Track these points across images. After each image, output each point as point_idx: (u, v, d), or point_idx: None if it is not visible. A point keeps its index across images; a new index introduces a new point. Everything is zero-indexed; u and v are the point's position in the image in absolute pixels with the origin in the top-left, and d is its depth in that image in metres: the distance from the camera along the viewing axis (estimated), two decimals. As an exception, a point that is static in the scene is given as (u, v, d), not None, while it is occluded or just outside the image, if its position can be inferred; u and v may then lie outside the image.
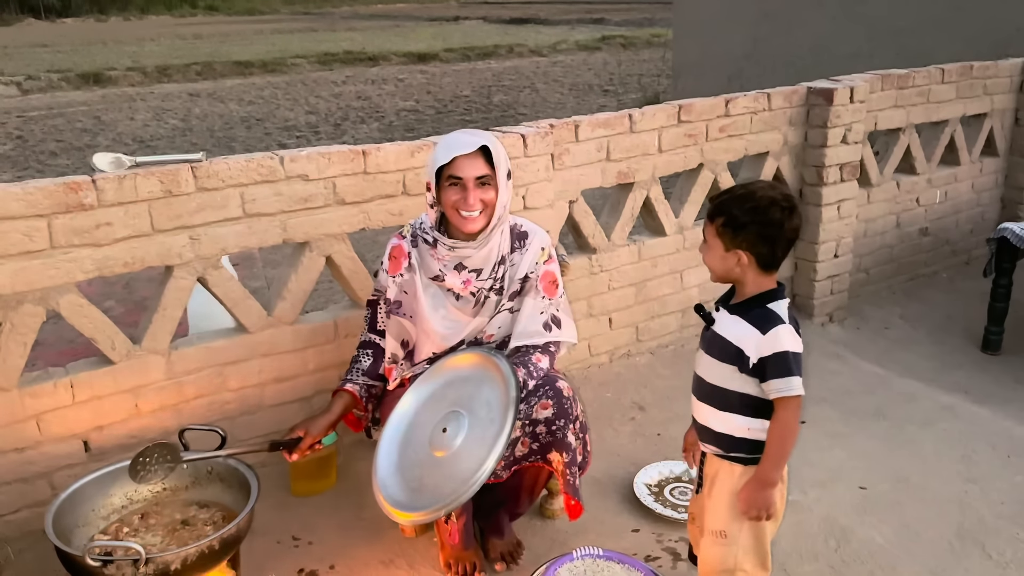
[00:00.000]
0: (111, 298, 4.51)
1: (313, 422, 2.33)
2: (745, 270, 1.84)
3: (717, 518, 1.92)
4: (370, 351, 2.46)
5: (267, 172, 2.64)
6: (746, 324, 1.83)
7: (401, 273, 2.40)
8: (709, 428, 1.92)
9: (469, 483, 2.02)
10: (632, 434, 3.16)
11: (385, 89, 14.36)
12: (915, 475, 2.85)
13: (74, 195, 2.35)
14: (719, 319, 1.90)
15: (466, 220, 2.26)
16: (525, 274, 2.38)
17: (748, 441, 1.87)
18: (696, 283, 3.84)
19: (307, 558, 2.47)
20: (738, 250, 1.82)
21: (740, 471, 1.89)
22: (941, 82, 4.39)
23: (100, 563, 1.87)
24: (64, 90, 14.76)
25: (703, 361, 1.93)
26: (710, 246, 1.87)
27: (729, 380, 1.86)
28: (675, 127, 3.52)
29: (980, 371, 3.66)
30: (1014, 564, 2.42)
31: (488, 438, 2.07)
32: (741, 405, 1.86)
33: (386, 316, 2.45)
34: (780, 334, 1.79)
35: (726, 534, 1.90)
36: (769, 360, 1.79)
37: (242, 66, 16.89)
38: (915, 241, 4.60)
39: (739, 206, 1.82)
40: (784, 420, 1.81)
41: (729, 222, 1.82)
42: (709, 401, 1.91)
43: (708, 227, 1.87)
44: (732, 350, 1.84)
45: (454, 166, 2.23)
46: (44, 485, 2.51)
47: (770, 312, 1.83)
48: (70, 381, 2.49)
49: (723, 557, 1.91)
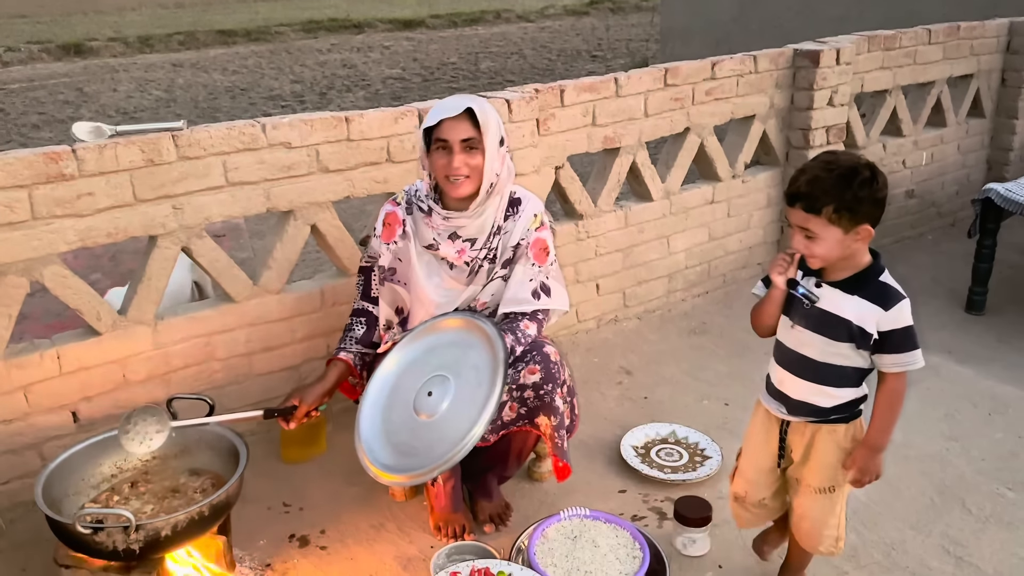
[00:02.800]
0: (98, 270, 4.47)
1: (308, 390, 2.33)
2: (864, 243, 1.81)
3: (824, 476, 1.97)
4: (363, 319, 2.45)
5: (249, 140, 2.62)
6: (865, 302, 1.81)
7: (395, 240, 2.39)
8: (809, 403, 1.93)
9: (459, 445, 2.04)
10: (619, 398, 3.19)
11: (371, 57, 14.20)
12: (898, 433, 2.82)
13: (54, 165, 2.33)
14: (825, 296, 1.86)
15: (454, 185, 2.25)
16: (517, 241, 2.38)
17: (849, 403, 1.92)
18: (683, 248, 3.85)
19: (298, 524, 2.50)
20: (861, 226, 1.77)
21: (843, 429, 1.93)
22: (928, 43, 4.38)
23: (91, 530, 1.89)
24: (45, 61, 14.50)
25: (808, 338, 1.89)
26: (822, 237, 1.78)
27: (844, 357, 1.86)
28: (661, 91, 3.50)
29: (964, 331, 3.69)
30: (993, 519, 2.47)
31: (477, 401, 2.09)
32: (851, 378, 1.89)
33: (380, 283, 2.44)
34: (904, 309, 1.80)
35: (835, 488, 1.97)
36: (893, 335, 1.80)
37: (225, 35, 16.63)
38: (901, 203, 4.62)
39: (845, 187, 1.75)
40: (896, 390, 1.85)
41: (842, 205, 1.75)
42: (814, 378, 1.90)
43: (812, 220, 1.77)
44: (852, 329, 1.82)
45: (440, 129, 2.22)
46: (34, 456, 2.52)
47: (888, 288, 1.82)
48: (56, 352, 2.49)
49: (831, 507, 2.00)
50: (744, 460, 2.12)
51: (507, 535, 2.41)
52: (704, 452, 2.79)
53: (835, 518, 2.01)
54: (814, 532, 2.04)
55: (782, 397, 1.98)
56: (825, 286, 1.87)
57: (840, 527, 2.03)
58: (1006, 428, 2.93)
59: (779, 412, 2.00)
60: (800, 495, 2.03)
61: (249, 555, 2.35)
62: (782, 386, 1.97)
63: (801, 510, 2.04)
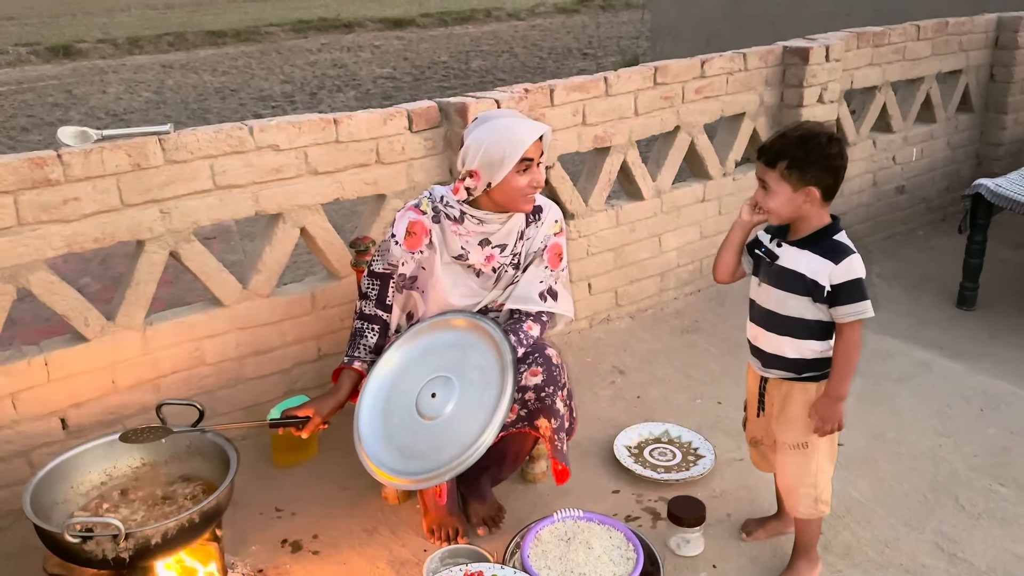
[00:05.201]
0: (87, 275, 4.45)
1: (322, 402, 2.31)
2: (813, 205, 1.95)
3: (796, 432, 2.09)
4: (376, 326, 2.38)
5: (236, 143, 2.60)
6: (817, 257, 1.96)
7: (421, 250, 2.34)
8: (781, 356, 2.06)
9: (470, 450, 2.05)
10: (612, 398, 3.18)
11: (361, 56, 14.17)
12: (890, 430, 2.90)
13: (39, 170, 2.31)
14: (784, 254, 2.01)
15: (528, 200, 2.28)
16: (538, 247, 2.38)
17: (820, 360, 2.04)
18: (674, 246, 3.84)
19: (290, 528, 2.48)
20: (807, 187, 1.92)
21: (815, 388, 2.05)
22: (917, 39, 4.39)
23: (80, 539, 1.87)
24: (33, 64, 14.42)
25: (772, 294, 2.04)
26: (774, 191, 1.95)
27: (804, 310, 2.00)
28: (651, 89, 3.50)
29: (955, 327, 3.70)
30: (986, 515, 2.47)
31: (485, 404, 2.09)
32: (814, 331, 2.01)
33: (398, 290, 2.41)
34: (853, 263, 1.94)
35: (808, 444, 2.08)
36: (843, 287, 1.93)
37: (215, 36, 16.56)
38: (891, 199, 4.63)
39: (800, 147, 1.92)
40: (851, 339, 1.97)
41: (794, 163, 1.92)
42: (780, 330, 2.04)
43: (768, 173, 1.95)
44: (807, 282, 1.96)
45: (526, 150, 2.21)
46: (22, 464, 2.50)
47: (839, 244, 1.96)
48: (44, 359, 2.47)
49: (806, 464, 2.10)
50: (748, 410, 2.28)
51: (500, 537, 2.40)
52: (697, 451, 2.79)
53: (811, 477, 2.10)
54: (792, 490, 2.14)
55: (758, 352, 2.13)
56: (785, 245, 2.03)
57: (819, 487, 2.10)
58: (998, 424, 2.94)
59: (758, 368, 2.15)
60: (778, 451, 2.16)
61: (241, 561, 2.34)
62: (756, 341, 2.12)
63: (779, 467, 2.17)
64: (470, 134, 2.26)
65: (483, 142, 2.21)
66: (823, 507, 2.13)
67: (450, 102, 2.97)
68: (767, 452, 2.27)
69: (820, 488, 2.11)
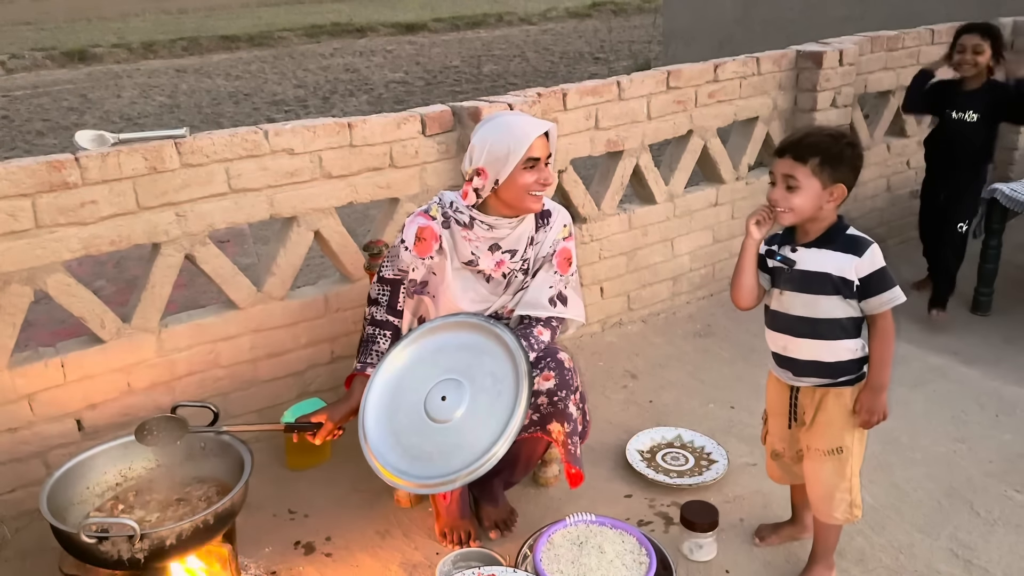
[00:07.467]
0: (102, 277, 4.48)
1: (335, 409, 2.33)
2: (834, 204, 1.95)
3: (832, 438, 2.07)
4: (388, 332, 2.40)
5: (252, 147, 2.62)
6: (839, 253, 1.96)
7: (431, 255, 2.34)
8: (818, 361, 2.03)
9: (483, 458, 2.04)
10: (624, 402, 3.18)
11: (374, 61, 14.22)
12: (905, 436, 2.88)
13: (57, 174, 2.33)
14: (803, 257, 2.00)
15: (536, 199, 2.27)
16: (547, 252, 2.38)
17: (854, 361, 2.03)
18: (687, 250, 3.84)
19: (303, 531, 2.49)
20: (836, 184, 1.93)
21: (850, 392, 2.04)
22: (931, 43, 4.36)
23: (95, 540, 1.88)
24: (49, 68, 14.56)
25: (797, 300, 2.02)
26: (803, 187, 1.93)
27: (835, 309, 1.99)
28: (664, 94, 3.50)
29: (970, 332, 3.68)
30: (1001, 521, 2.45)
31: (497, 413, 2.08)
32: (848, 329, 2.01)
33: (408, 295, 2.42)
34: (874, 253, 1.95)
35: (843, 449, 2.07)
36: (872, 278, 1.94)
37: (229, 40, 16.67)
38: (906, 204, 4.60)
39: (834, 144, 1.94)
40: (885, 328, 1.98)
41: (827, 160, 1.91)
42: (814, 335, 2.02)
43: (798, 168, 1.93)
44: (835, 280, 1.96)
45: (532, 148, 2.22)
46: (39, 464, 2.52)
47: (855, 237, 1.98)
48: (60, 361, 2.49)
49: (841, 470, 2.08)
50: (771, 422, 2.25)
51: (512, 541, 2.40)
52: (710, 456, 2.78)
53: (846, 482, 2.08)
54: (826, 496, 2.11)
55: (789, 362, 2.08)
56: (800, 249, 2.01)
57: (854, 492, 2.10)
58: (1014, 429, 2.91)
59: (788, 379, 2.11)
60: (809, 459, 2.12)
61: (255, 562, 2.35)
62: (787, 351, 2.08)
63: (812, 475, 2.13)
64: (475, 134, 2.28)
65: (488, 139, 2.23)
66: (856, 511, 2.12)
67: (463, 106, 2.98)
68: (790, 464, 2.24)
69: (854, 492, 2.10)
